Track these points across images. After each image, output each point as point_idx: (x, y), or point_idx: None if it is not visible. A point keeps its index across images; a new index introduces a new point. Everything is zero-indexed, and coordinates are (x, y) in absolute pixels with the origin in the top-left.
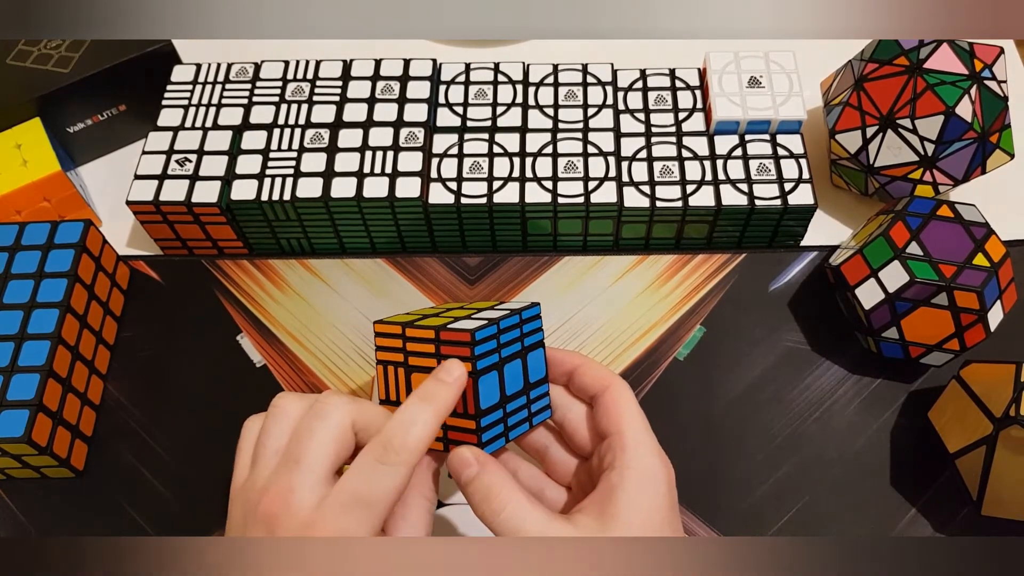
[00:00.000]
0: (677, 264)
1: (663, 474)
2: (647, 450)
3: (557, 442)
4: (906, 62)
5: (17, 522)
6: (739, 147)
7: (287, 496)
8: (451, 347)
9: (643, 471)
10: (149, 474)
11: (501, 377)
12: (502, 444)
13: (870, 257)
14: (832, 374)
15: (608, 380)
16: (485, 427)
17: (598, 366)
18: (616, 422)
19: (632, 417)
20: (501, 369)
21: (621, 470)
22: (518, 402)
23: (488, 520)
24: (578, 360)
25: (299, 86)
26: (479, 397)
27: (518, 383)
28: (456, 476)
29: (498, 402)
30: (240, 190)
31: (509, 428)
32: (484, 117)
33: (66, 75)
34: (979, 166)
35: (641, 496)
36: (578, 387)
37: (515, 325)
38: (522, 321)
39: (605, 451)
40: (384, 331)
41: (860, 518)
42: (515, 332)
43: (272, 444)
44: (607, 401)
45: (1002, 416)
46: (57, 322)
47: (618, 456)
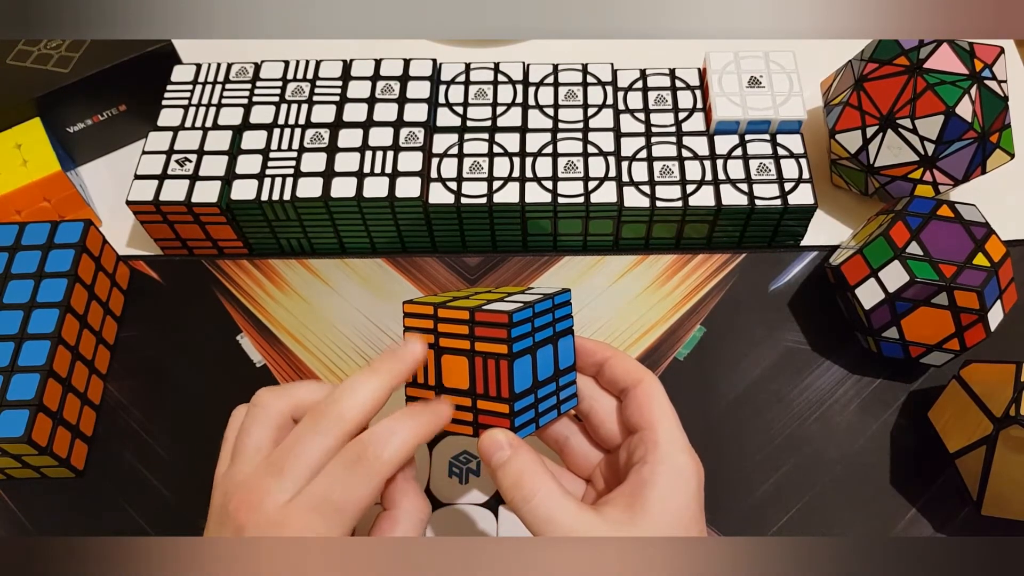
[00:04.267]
0: (677, 264)
1: (694, 472)
2: (680, 447)
3: (579, 433)
4: (906, 62)
5: (17, 522)
6: (739, 147)
7: (263, 497)
8: (486, 328)
9: (675, 468)
10: (149, 474)
11: (534, 361)
12: (532, 430)
13: (870, 257)
14: (832, 374)
15: (641, 374)
16: (518, 411)
17: (630, 359)
18: (648, 417)
19: (665, 413)
20: (534, 353)
21: (653, 465)
22: (548, 388)
23: (517, 506)
24: (609, 352)
25: (299, 86)
26: (513, 380)
27: (549, 369)
28: (487, 459)
29: (531, 387)
30: (240, 190)
31: (540, 414)
32: (484, 117)
33: (66, 75)
34: (979, 166)
35: (672, 492)
36: (608, 379)
37: (548, 310)
38: (554, 306)
39: (636, 445)
40: (415, 311)
41: (860, 518)
42: (548, 316)
43: (252, 443)
44: (639, 396)
45: (1002, 416)
46: (57, 322)
47: (650, 451)
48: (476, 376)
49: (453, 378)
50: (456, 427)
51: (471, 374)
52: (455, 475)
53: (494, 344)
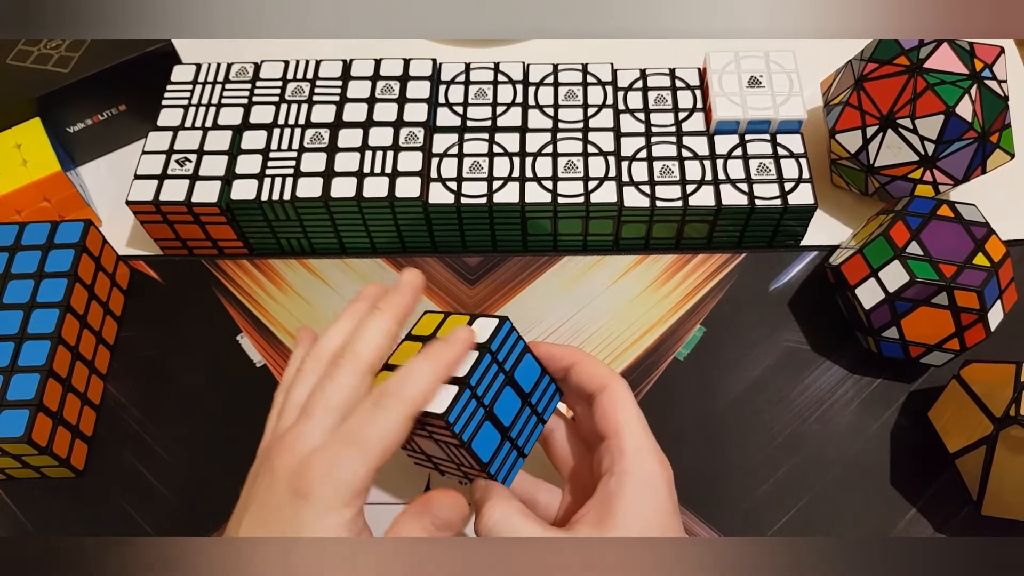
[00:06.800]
0: (677, 264)
1: (663, 478)
2: (646, 454)
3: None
4: (906, 62)
5: (17, 522)
6: (739, 147)
7: (295, 441)
8: (433, 427)
9: (642, 477)
10: (149, 474)
11: (495, 420)
12: (521, 464)
13: (870, 257)
14: (832, 374)
15: (605, 379)
16: (496, 469)
17: (596, 363)
18: (614, 425)
19: (630, 419)
20: (491, 414)
21: (620, 476)
22: (522, 418)
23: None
24: (575, 356)
25: (299, 86)
26: (478, 458)
27: (515, 405)
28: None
29: (499, 442)
30: (240, 190)
31: (522, 446)
32: (484, 117)
33: (66, 75)
34: (979, 166)
35: (640, 503)
36: (575, 385)
37: (489, 365)
38: (495, 352)
39: (603, 454)
40: None
41: (860, 518)
42: (491, 371)
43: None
44: (604, 402)
45: (1002, 416)
46: (57, 322)
47: (616, 461)
48: (449, 454)
49: (433, 452)
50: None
51: (444, 452)
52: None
53: (447, 436)
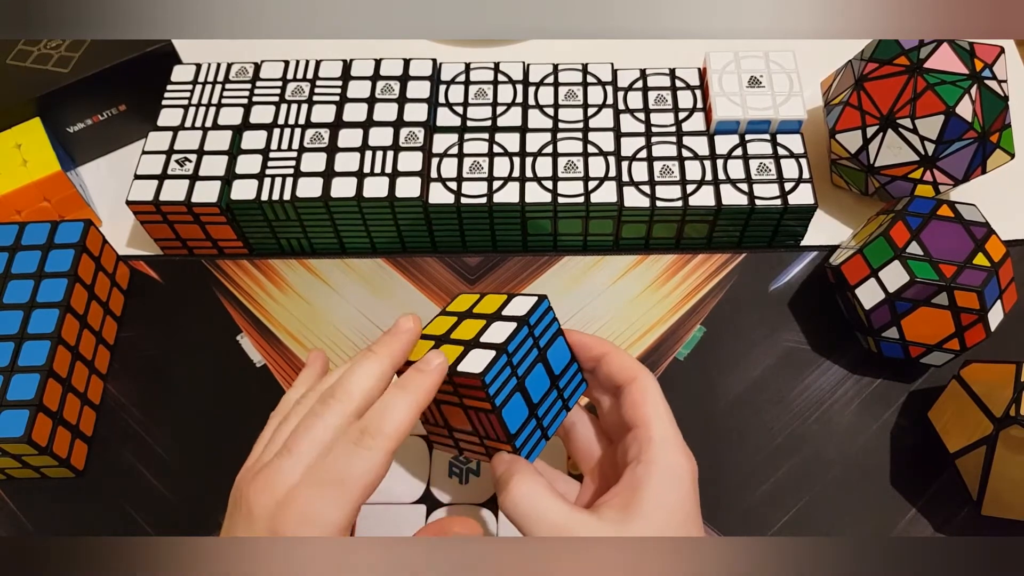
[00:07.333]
0: (677, 264)
1: (688, 470)
2: (673, 446)
3: (587, 420)
4: (906, 62)
5: (17, 522)
6: (739, 147)
7: (273, 476)
8: (466, 388)
9: (668, 467)
10: (149, 474)
11: (525, 394)
12: (543, 445)
13: (870, 257)
14: (832, 374)
15: (635, 371)
16: (521, 444)
17: (625, 356)
18: (642, 415)
19: (658, 411)
20: (523, 387)
21: (647, 464)
22: (550, 399)
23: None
24: (606, 348)
25: (299, 86)
26: (506, 425)
27: (544, 384)
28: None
29: (527, 416)
30: (240, 190)
31: (547, 427)
32: (484, 117)
33: (66, 75)
34: (979, 166)
35: (665, 493)
36: (604, 376)
37: (525, 337)
38: (532, 326)
39: (630, 443)
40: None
41: (860, 518)
42: (527, 344)
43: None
44: (634, 393)
45: (1002, 416)
46: (57, 322)
47: (644, 450)
48: (474, 423)
49: (456, 422)
50: (473, 455)
51: (469, 421)
52: (455, 475)
53: (478, 401)
